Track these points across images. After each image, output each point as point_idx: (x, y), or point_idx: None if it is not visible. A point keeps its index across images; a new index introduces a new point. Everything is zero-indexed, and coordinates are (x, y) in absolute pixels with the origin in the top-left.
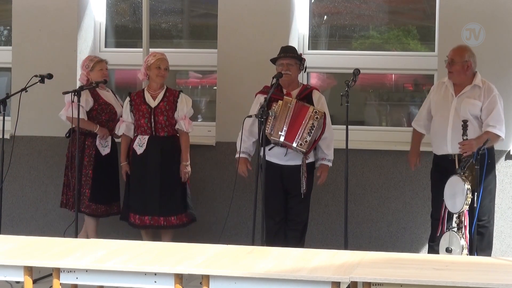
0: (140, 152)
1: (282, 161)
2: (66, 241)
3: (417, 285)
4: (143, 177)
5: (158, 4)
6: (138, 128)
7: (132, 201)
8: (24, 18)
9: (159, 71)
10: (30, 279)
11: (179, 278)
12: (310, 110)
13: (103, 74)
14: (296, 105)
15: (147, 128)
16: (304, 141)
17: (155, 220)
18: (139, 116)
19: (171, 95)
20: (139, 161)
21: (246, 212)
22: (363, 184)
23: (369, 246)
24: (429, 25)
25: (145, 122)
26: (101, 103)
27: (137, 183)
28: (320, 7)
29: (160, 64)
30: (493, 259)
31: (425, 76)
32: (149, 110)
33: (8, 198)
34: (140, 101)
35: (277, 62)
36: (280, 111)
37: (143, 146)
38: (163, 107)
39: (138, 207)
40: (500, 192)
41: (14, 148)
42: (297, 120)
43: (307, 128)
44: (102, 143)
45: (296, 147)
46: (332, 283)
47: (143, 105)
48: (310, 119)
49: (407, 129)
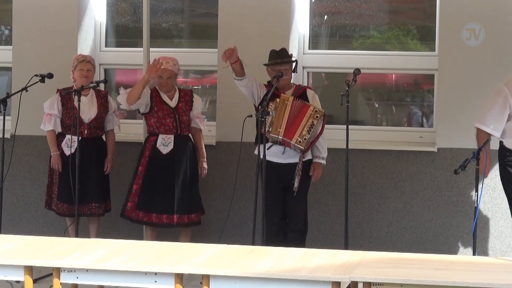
0: (167, 151)
1: (280, 159)
2: (66, 241)
3: (418, 285)
4: (171, 177)
5: (158, 3)
6: (159, 127)
7: (157, 201)
8: (24, 17)
9: (161, 80)
10: (30, 278)
11: (179, 278)
12: (311, 108)
13: (82, 74)
14: (294, 102)
15: (173, 128)
16: (303, 138)
17: (182, 218)
18: (163, 115)
19: (186, 95)
20: (165, 160)
21: (246, 212)
22: (363, 184)
23: (370, 246)
24: (429, 25)
25: (171, 121)
26: (67, 107)
27: (162, 182)
28: (321, 7)
29: (162, 74)
30: (493, 259)
31: (425, 76)
32: (171, 110)
33: (9, 197)
34: (160, 100)
35: (272, 67)
36: (278, 109)
37: (169, 146)
38: (183, 107)
39: (166, 207)
40: (500, 192)
41: (15, 148)
42: (297, 118)
43: (307, 126)
44: (67, 143)
45: (295, 144)
46: (333, 283)
47: (163, 105)
48: (311, 117)
49: (407, 129)
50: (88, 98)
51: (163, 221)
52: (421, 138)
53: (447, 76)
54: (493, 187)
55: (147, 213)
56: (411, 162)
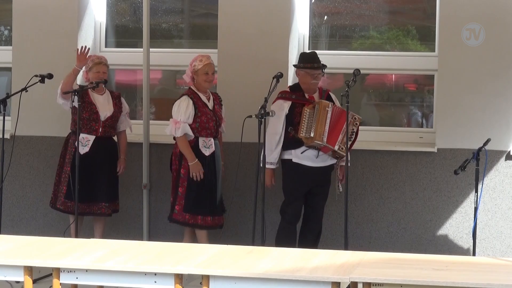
0: (209, 153)
1: (314, 163)
2: (66, 241)
3: (417, 285)
4: (211, 179)
5: (158, 4)
6: (202, 130)
7: (204, 203)
8: (24, 18)
9: (207, 76)
10: (30, 279)
11: (179, 278)
12: (350, 115)
13: (99, 76)
14: (334, 108)
15: (214, 131)
16: (344, 145)
17: (219, 220)
18: (206, 119)
19: (216, 98)
20: (206, 162)
21: (246, 212)
22: (363, 184)
23: (369, 246)
24: (429, 25)
25: (213, 125)
26: (85, 101)
27: (205, 185)
28: (321, 7)
29: (208, 70)
30: (493, 259)
31: (425, 76)
32: (212, 113)
33: (8, 198)
34: (202, 103)
35: (305, 71)
36: (320, 115)
37: (211, 148)
38: (218, 110)
39: (212, 208)
40: (500, 192)
41: (14, 148)
42: (337, 124)
43: (348, 132)
44: (82, 142)
45: (337, 150)
46: (332, 283)
47: (205, 108)
48: (350, 124)
49: (407, 129)
50: (104, 97)
51: (208, 222)
52: (421, 138)
53: (447, 77)
54: (493, 188)
55: (193, 215)
56: (411, 163)
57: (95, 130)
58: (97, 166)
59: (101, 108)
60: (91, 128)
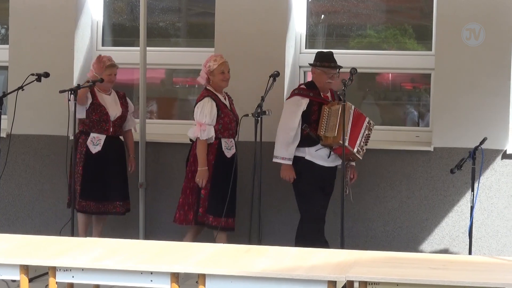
0: (230, 155)
1: (325, 162)
2: (62, 240)
3: (414, 284)
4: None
5: (155, 2)
6: (224, 131)
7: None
8: (21, 16)
9: (223, 75)
10: (26, 277)
11: (175, 277)
12: (366, 120)
13: (110, 79)
14: (355, 111)
15: (234, 132)
16: (362, 149)
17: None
18: (229, 120)
19: (229, 97)
20: (228, 163)
21: (243, 211)
22: (360, 183)
23: (366, 245)
24: (426, 24)
25: (234, 125)
26: (94, 103)
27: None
28: (318, 6)
29: (224, 69)
30: (490, 259)
31: (422, 75)
32: (232, 113)
33: (4, 197)
34: (223, 104)
35: (322, 69)
36: (344, 116)
37: (232, 149)
38: (234, 110)
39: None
40: (496, 191)
41: (11, 147)
42: (356, 127)
43: (364, 136)
44: (93, 141)
45: (355, 153)
46: (329, 282)
47: (226, 108)
48: (366, 128)
49: (404, 128)
50: (111, 97)
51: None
52: (417, 137)
53: (444, 76)
54: (489, 187)
55: (216, 218)
56: (407, 162)
57: (106, 130)
58: (110, 165)
59: (110, 109)
60: (101, 128)
